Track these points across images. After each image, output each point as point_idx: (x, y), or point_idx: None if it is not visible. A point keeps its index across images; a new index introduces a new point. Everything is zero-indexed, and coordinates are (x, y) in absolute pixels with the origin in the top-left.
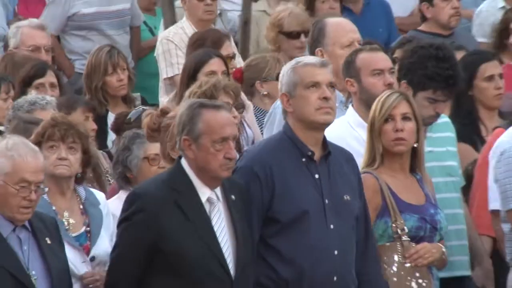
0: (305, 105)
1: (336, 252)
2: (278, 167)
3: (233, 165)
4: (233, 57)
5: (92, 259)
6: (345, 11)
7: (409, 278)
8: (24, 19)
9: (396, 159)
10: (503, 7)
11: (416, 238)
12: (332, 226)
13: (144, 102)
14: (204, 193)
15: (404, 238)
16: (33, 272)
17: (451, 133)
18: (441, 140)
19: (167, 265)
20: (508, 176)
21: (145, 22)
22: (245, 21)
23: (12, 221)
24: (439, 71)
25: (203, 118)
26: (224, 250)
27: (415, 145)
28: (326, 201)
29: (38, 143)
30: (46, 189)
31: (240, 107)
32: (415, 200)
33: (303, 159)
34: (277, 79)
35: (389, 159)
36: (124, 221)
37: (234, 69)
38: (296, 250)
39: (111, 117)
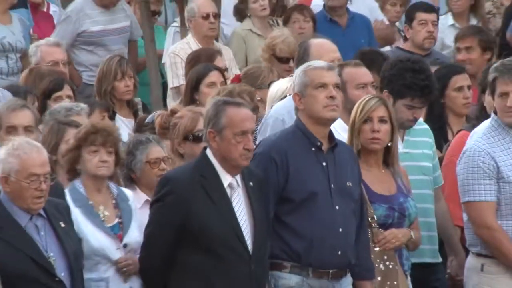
0: (314, 103)
1: (340, 230)
2: (292, 154)
3: (251, 155)
4: (225, 70)
5: (125, 246)
6: (333, 23)
7: (378, 260)
8: (39, 38)
9: (372, 155)
10: (452, 25)
11: (385, 225)
12: (337, 207)
13: (144, 107)
14: (226, 179)
15: (374, 225)
16: (51, 254)
17: (429, 139)
18: (418, 144)
19: (194, 241)
20: (466, 172)
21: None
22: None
23: (28, 211)
24: (416, 81)
25: (227, 113)
26: (243, 229)
27: (389, 144)
28: (332, 185)
29: (78, 146)
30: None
31: (255, 109)
32: (386, 191)
33: (313, 149)
34: (269, 87)
35: (365, 155)
36: (156, 202)
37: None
38: (306, 227)
39: (117, 118)
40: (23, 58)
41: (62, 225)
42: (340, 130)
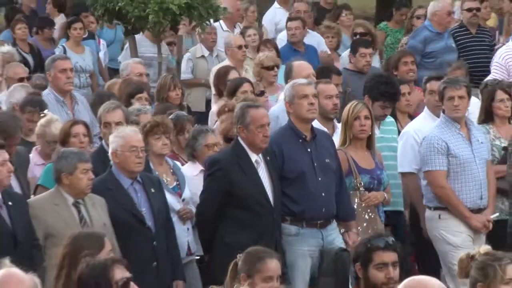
0: (300, 109)
1: (323, 194)
2: (286, 146)
3: (268, 140)
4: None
5: (183, 200)
6: (296, 52)
7: (363, 212)
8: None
9: (359, 142)
10: None
11: (368, 189)
12: (320, 179)
13: (189, 109)
14: (253, 157)
15: (361, 189)
16: (143, 209)
17: (394, 127)
18: (389, 131)
19: (236, 201)
20: (425, 151)
21: None
22: (177, 62)
23: (131, 177)
24: (388, 90)
25: (249, 113)
26: (267, 190)
27: (370, 134)
28: (315, 164)
29: (146, 136)
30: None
31: None
32: (368, 166)
33: (300, 140)
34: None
35: (355, 141)
36: (209, 176)
37: None
38: (299, 195)
39: None
40: (91, 77)
41: (152, 190)
42: (315, 125)
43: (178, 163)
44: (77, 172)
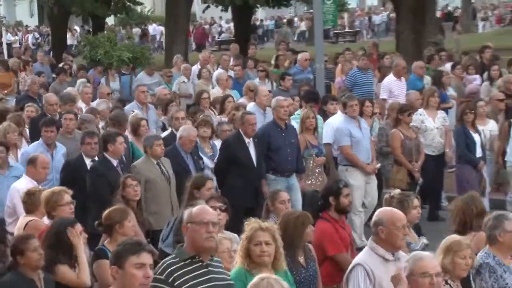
0: (279, 113)
1: (289, 158)
2: (271, 132)
3: (255, 131)
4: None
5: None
6: (238, 84)
7: (316, 168)
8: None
9: (309, 130)
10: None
11: (317, 155)
12: (288, 150)
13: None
14: (246, 139)
15: (313, 156)
16: (190, 167)
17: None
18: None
19: (236, 164)
20: (338, 135)
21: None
22: (130, 86)
23: (185, 152)
24: (314, 97)
25: (246, 117)
26: (252, 157)
27: (315, 126)
28: (287, 142)
29: (197, 126)
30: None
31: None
32: (315, 143)
33: (279, 129)
34: None
35: (307, 130)
36: (221, 149)
37: None
38: (276, 158)
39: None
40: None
41: (195, 157)
42: (295, 122)
43: (216, 142)
44: (154, 146)
